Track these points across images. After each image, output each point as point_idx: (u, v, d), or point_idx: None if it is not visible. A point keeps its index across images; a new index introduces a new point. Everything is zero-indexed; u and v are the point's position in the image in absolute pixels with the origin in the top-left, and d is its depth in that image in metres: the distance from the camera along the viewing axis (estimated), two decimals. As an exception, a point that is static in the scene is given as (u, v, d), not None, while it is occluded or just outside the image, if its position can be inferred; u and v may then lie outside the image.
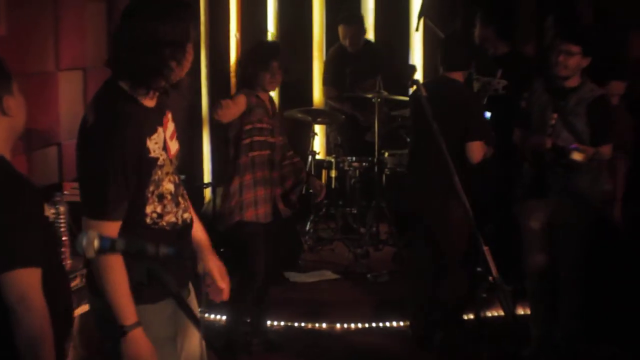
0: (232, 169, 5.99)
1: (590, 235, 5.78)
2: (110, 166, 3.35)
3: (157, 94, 3.56)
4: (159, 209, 3.56)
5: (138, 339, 3.34)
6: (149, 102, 3.55)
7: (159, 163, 3.52)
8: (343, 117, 8.76)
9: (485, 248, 4.18)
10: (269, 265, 6.09)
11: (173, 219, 3.61)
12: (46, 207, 3.16)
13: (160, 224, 3.56)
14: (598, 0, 7.58)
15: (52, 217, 3.18)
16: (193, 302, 3.80)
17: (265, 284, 6.12)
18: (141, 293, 3.20)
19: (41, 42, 6.12)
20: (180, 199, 3.67)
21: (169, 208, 3.59)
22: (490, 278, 4.21)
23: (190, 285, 3.82)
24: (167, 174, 3.58)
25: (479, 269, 5.40)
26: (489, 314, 6.66)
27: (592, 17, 7.59)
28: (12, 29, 5.63)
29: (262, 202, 5.99)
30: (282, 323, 6.71)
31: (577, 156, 5.51)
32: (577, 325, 5.88)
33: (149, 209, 3.53)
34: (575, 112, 5.65)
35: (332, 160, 8.55)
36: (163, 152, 3.55)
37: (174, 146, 3.67)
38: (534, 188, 5.83)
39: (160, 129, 3.57)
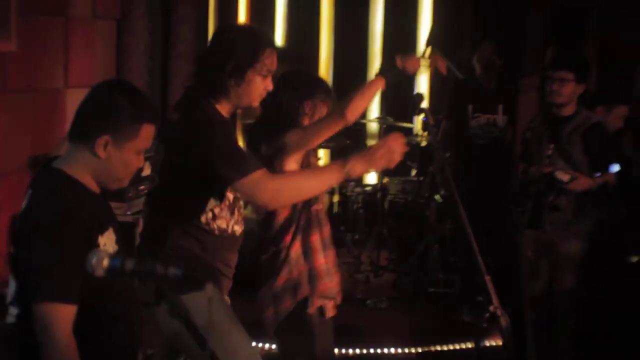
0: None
1: (585, 265, 5.77)
2: (227, 139, 3.74)
3: (229, 109, 3.88)
4: (216, 210, 3.81)
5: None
6: (224, 112, 3.85)
7: None
8: (348, 141, 8.78)
9: (487, 277, 4.19)
10: None
11: (224, 225, 3.84)
12: (106, 240, 3.05)
13: (211, 226, 3.80)
14: (604, 36, 7.66)
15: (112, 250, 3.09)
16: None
17: None
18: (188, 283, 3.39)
19: (51, 59, 6.16)
20: (235, 210, 3.91)
21: (224, 213, 3.84)
22: (491, 307, 4.22)
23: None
24: None
25: (479, 298, 5.40)
26: (488, 343, 6.65)
27: (598, 52, 7.69)
28: (22, 46, 5.67)
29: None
30: (281, 346, 6.69)
31: (561, 175, 5.50)
32: (574, 354, 5.87)
33: (208, 206, 3.78)
34: (571, 140, 5.66)
35: (335, 185, 8.56)
36: None
37: None
38: (532, 219, 5.84)
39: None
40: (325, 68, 10.04)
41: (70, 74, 6.36)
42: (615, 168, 5.77)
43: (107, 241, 3.05)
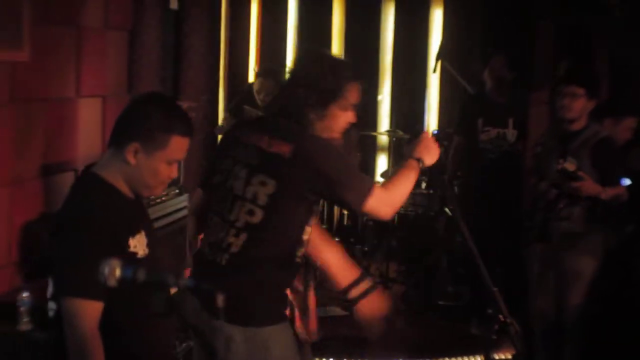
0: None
1: (593, 279, 5.77)
2: (346, 165, 3.80)
3: None
4: (305, 237, 3.81)
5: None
6: None
7: None
8: (358, 153, 8.79)
9: (495, 289, 4.19)
10: None
11: (302, 252, 3.83)
12: (137, 243, 3.16)
13: (299, 254, 3.83)
14: (615, 47, 7.67)
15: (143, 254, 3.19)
16: None
17: None
18: (268, 315, 3.68)
19: (63, 68, 6.19)
20: None
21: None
22: (501, 317, 4.21)
23: None
24: None
25: (489, 310, 5.38)
26: (497, 356, 6.66)
27: (608, 64, 7.69)
28: (35, 55, 5.70)
29: None
30: (289, 358, 6.68)
31: (569, 166, 5.51)
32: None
33: (305, 236, 3.80)
34: (580, 154, 5.66)
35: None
36: None
37: None
38: (540, 232, 5.84)
39: None
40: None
41: (82, 83, 6.39)
42: (627, 182, 5.77)
43: (138, 244, 3.16)
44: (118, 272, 2.76)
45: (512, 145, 7.48)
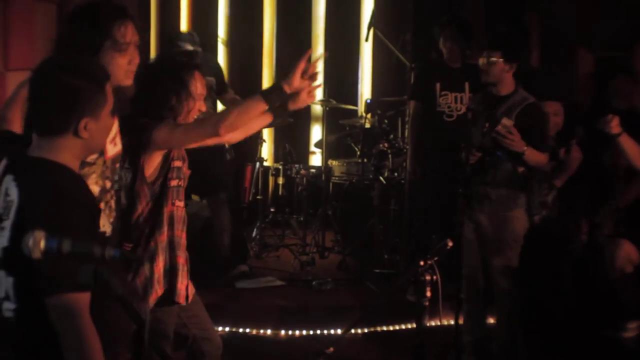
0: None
1: (520, 246, 5.81)
2: None
3: None
4: None
5: None
6: None
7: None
8: (291, 119, 8.76)
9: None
10: None
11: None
12: (104, 222, 3.03)
13: None
14: (546, 17, 7.72)
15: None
16: None
17: None
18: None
19: (-10, 42, 6.11)
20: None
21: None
22: (421, 262, 4.15)
23: None
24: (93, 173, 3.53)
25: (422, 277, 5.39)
26: (432, 323, 6.70)
27: (540, 34, 7.75)
28: (-39, 28, 5.62)
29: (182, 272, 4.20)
30: (227, 329, 6.70)
31: (506, 121, 5.53)
32: (512, 335, 5.90)
33: None
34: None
35: (280, 167, 8.58)
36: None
37: (111, 149, 3.63)
38: (468, 197, 5.85)
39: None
40: (268, 54, 10.03)
41: (10, 56, 6.30)
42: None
43: (105, 222, 3.05)
44: (43, 244, 2.63)
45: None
